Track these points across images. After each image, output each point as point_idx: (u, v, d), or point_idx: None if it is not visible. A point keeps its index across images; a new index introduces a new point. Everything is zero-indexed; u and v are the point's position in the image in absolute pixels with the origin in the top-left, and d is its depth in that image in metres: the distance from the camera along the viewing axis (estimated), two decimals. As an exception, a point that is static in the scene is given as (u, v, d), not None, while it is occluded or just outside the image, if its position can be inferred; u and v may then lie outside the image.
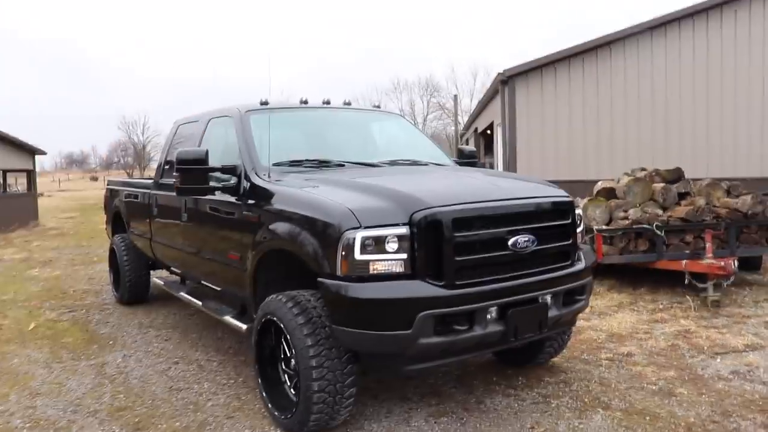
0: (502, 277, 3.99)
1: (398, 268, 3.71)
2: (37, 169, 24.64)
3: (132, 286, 7.99)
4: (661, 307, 7.31)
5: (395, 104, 73.40)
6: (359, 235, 3.66)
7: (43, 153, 22.90)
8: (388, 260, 3.70)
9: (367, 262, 3.68)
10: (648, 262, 7.97)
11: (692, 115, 13.71)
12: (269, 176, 4.74)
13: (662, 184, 8.62)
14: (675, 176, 8.93)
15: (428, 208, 3.78)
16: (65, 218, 24.81)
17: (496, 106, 15.84)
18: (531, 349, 5.17)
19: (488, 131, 22.02)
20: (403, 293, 3.67)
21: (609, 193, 8.98)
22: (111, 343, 6.53)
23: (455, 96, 48.95)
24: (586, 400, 4.70)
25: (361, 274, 3.69)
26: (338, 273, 3.73)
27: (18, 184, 24.67)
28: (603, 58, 13.75)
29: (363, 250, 3.67)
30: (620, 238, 7.99)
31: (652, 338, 6.14)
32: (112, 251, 8.46)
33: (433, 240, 3.76)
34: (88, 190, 53.75)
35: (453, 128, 49.32)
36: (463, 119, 40.23)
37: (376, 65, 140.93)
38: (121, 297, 8.20)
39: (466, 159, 6.20)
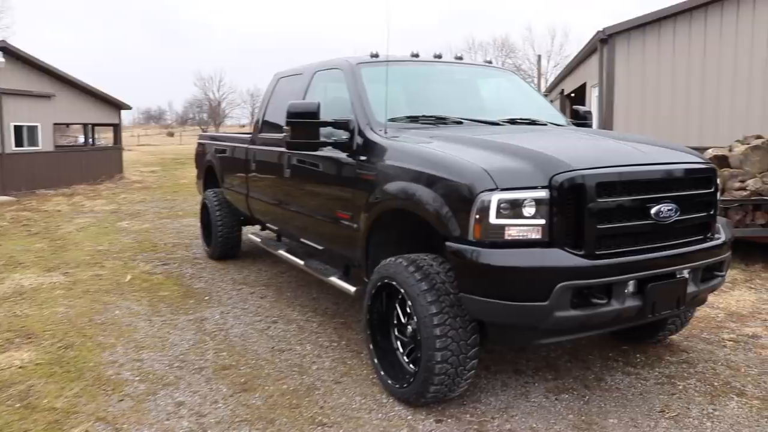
0: (641, 249, 3.66)
1: (535, 235, 3.43)
2: (121, 124, 25.16)
3: (224, 241, 7.94)
4: (781, 285, 6.77)
5: (469, 65, 71.79)
6: (495, 198, 3.39)
7: (128, 108, 23.26)
8: (524, 225, 3.42)
9: (502, 227, 3.40)
10: (766, 237, 7.40)
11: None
12: (386, 132, 4.49)
13: (785, 153, 7.95)
14: (797, 145, 8.22)
15: (571, 170, 3.46)
16: (147, 172, 25.43)
17: (591, 66, 15.06)
18: (652, 325, 4.80)
19: (572, 94, 21.16)
20: (541, 262, 3.39)
21: (721, 162, 8.34)
22: (206, 298, 6.51)
23: (539, 56, 47.31)
24: (715, 384, 4.34)
25: (495, 239, 3.42)
26: (470, 237, 3.47)
27: (101, 138, 25.30)
28: (713, 15, 12.76)
29: (498, 214, 3.39)
30: (736, 210, 7.43)
31: (779, 319, 5.67)
32: (203, 206, 8.43)
33: (574, 205, 3.45)
34: (165, 145, 55.15)
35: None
36: (541, 80, 38.99)
37: (452, 27, 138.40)
38: (213, 252, 8.18)
39: (581, 120, 5.83)
